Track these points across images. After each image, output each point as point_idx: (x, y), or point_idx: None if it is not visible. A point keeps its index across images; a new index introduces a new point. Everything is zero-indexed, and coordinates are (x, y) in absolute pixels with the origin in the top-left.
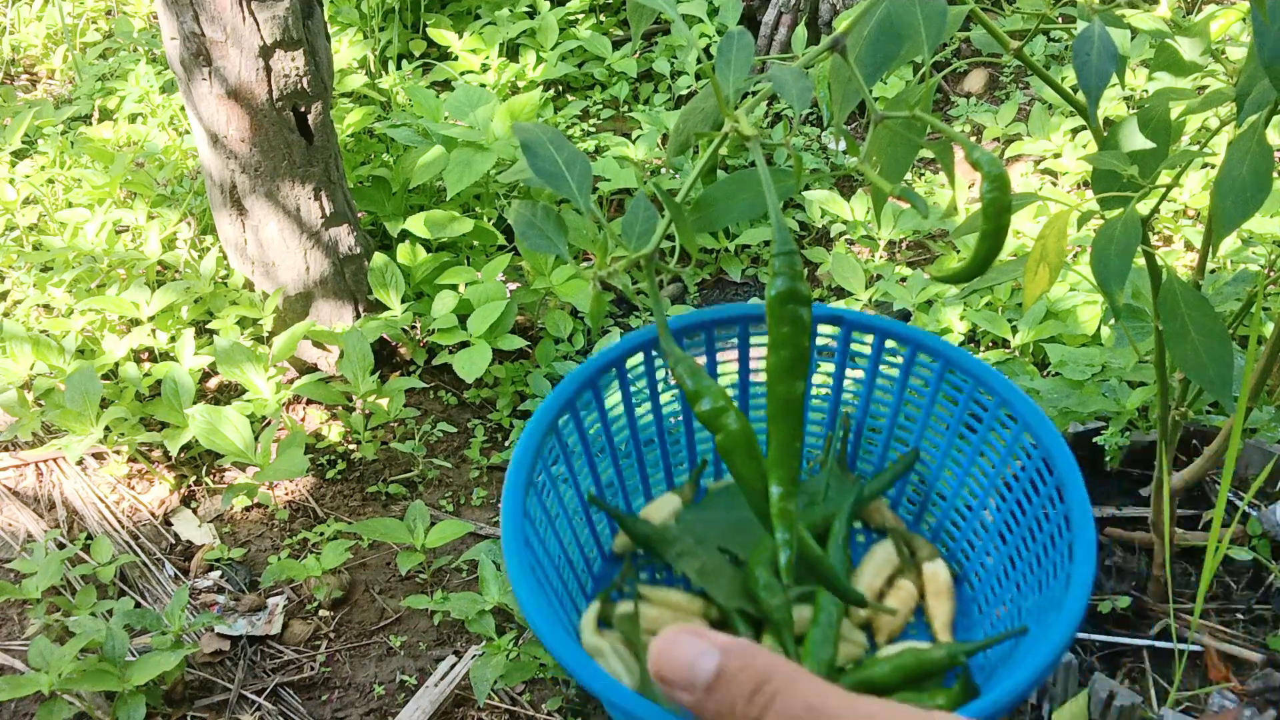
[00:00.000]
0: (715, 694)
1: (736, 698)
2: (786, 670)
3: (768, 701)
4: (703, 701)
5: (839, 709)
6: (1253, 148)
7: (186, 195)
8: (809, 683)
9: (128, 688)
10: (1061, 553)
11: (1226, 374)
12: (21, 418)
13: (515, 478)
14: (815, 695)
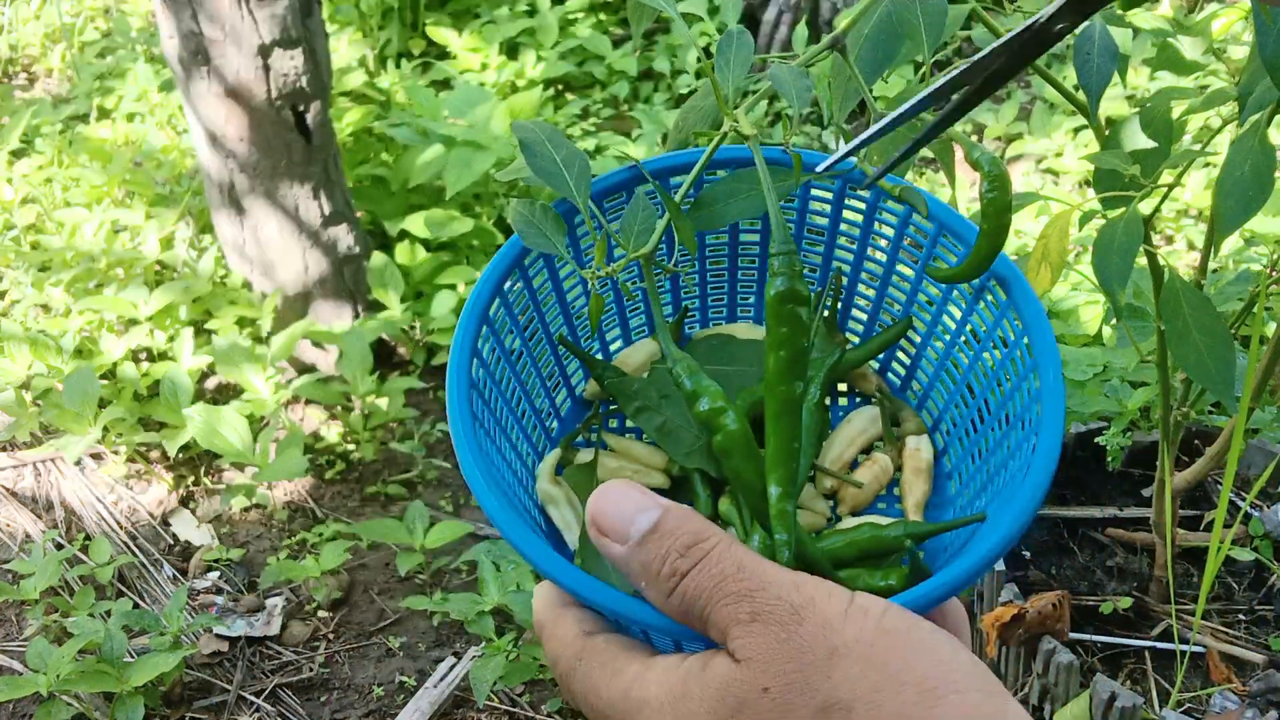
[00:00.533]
0: (646, 547)
1: (670, 551)
2: (724, 536)
3: (702, 556)
4: (633, 554)
5: (770, 572)
6: (1254, 147)
7: (185, 194)
8: (744, 550)
9: (126, 689)
10: (1029, 444)
11: (1228, 374)
12: (19, 418)
13: (470, 309)
14: (748, 559)
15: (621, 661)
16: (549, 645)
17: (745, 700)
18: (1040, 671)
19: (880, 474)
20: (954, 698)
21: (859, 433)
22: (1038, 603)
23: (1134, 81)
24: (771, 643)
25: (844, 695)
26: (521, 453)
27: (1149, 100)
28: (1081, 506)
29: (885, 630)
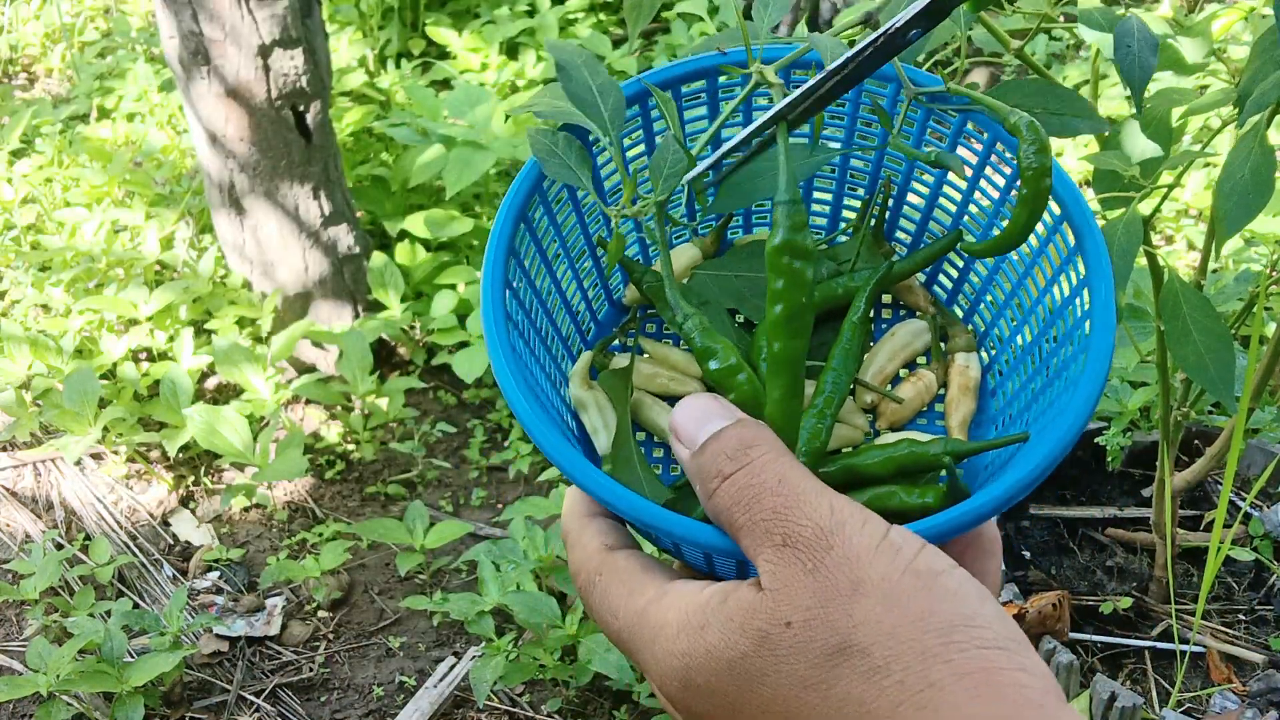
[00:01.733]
0: (706, 451)
1: (720, 454)
2: (776, 444)
3: (747, 463)
4: (695, 457)
5: (808, 491)
6: (1254, 149)
7: (185, 194)
8: (792, 463)
9: (126, 689)
10: (1076, 363)
11: (1228, 374)
12: (19, 418)
13: (507, 209)
14: (793, 473)
15: (640, 582)
16: (571, 555)
17: (767, 634)
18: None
19: (924, 390)
20: (975, 651)
21: (902, 346)
22: (1038, 602)
23: None
24: (798, 573)
25: (862, 638)
26: (556, 354)
27: (1149, 101)
28: (1081, 506)
29: (914, 571)
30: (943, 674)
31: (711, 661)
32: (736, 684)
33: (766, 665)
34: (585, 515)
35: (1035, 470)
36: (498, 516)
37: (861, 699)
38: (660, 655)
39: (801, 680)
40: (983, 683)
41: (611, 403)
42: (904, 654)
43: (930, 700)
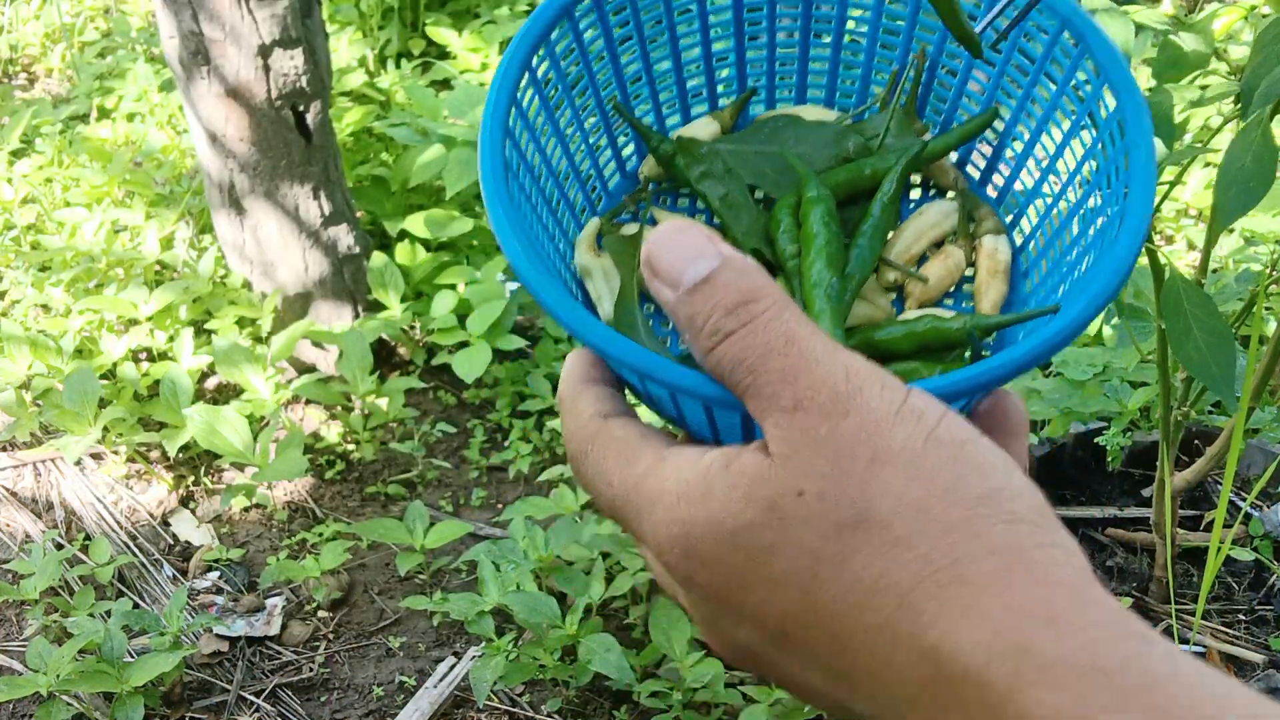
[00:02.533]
0: (697, 296)
1: (718, 306)
2: (780, 298)
3: (750, 319)
4: (682, 302)
5: (820, 352)
6: (1257, 139)
7: (185, 194)
8: (798, 318)
9: (126, 689)
10: (1111, 232)
11: (1230, 371)
12: (19, 418)
13: (510, 57)
14: (801, 330)
15: (636, 449)
16: (565, 423)
17: (776, 502)
18: None
19: (952, 269)
20: (1003, 525)
21: (931, 225)
22: None
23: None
24: (811, 438)
25: (881, 510)
26: (562, 222)
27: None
28: (1081, 506)
29: (938, 440)
30: (969, 549)
31: (714, 531)
32: (741, 556)
33: (775, 537)
34: (582, 381)
35: (1063, 332)
36: (498, 516)
37: (881, 574)
38: (658, 523)
39: (813, 553)
40: (1012, 559)
41: (618, 269)
42: (928, 527)
43: (955, 577)
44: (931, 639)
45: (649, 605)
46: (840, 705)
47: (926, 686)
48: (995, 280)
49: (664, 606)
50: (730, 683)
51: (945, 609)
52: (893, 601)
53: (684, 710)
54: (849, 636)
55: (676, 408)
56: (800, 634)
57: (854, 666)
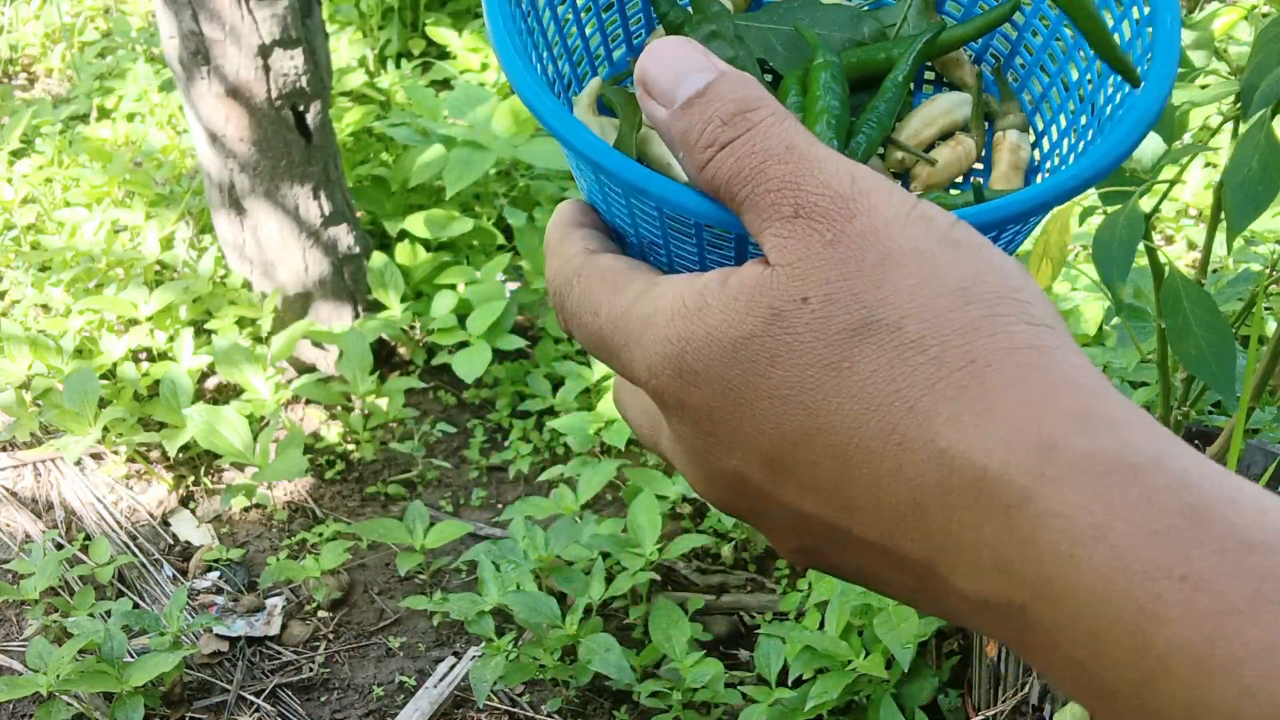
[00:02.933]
0: (692, 110)
1: (713, 118)
2: (778, 109)
3: (747, 129)
4: (676, 117)
5: (823, 158)
6: (1260, 142)
7: (185, 194)
8: (798, 128)
9: (126, 689)
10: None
11: (1230, 370)
12: (19, 418)
13: None
14: (801, 138)
15: (625, 279)
16: (549, 263)
17: (780, 310)
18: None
19: (962, 156)
20: (1023, 326)
21: (942, 113)
22: None
23: None
24: (815, 244)
25: (892, 311)
26: (563, 74)
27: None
28: None
29: (951, 240)
30: (986, 349)
31: (712, 344)
32: (742, 368)
33: (778, 345)
34: (570, 224)
35: (1085, 171)
36: (498, 516)
37: (890, 378)
38: (650, 344)
39: (820, 360)
40: (1033, 361)
41: (619, 123)
42: (941, 328)
43: (972, 378)
44: (944, 442)
45: (649, 605)
46: (834, 535)
47: (935, 494)
48: (1015, 175)
49: (664, 607)
50: (730, 683)
51: (961, 411)
52: (903, 406)
53: (684, 710)
54: (853, 448)
55: (668, 252)
56: (800, 452)
57: (854, 481)
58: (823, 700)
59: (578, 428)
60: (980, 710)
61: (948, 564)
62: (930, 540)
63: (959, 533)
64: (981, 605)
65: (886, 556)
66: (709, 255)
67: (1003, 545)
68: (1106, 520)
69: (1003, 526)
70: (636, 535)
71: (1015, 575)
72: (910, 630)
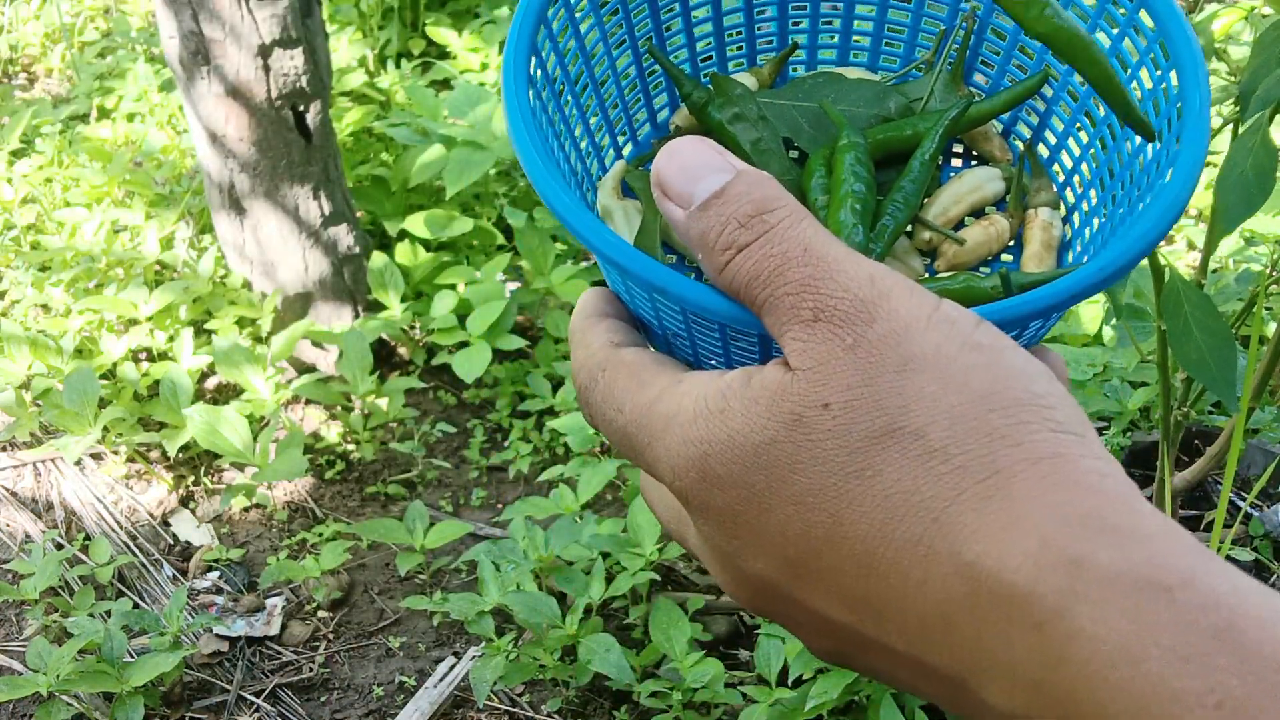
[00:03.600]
0: (709, 212)
1: (730, 220)
2: (796, 208)
3: (765, 231)
4: (694, 219)
5: (842, 259)
6: (1256, 144)
7: (185, 194)
8: (816, 227)
9: (126, 689)
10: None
11: (1230, 372)
12: (19, 418)
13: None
14: (819, 238)
15: (649, 375)
16: (575, 355)
17: (801, 416)
18: None
19: (993, 237)
20: (1047, 434)
21: (971, 190)
22: None
23: None
24: (836, 349)
25: (915, 418)
26: (589, 165)
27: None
28: None
29: (974, 345)
30: (1011, 459)
31: (734, 449)
32: (764, 473)
33: (800, 452)
34: (594, 315)
35: (1114, 264)
36: (498, 516)
37: (914, 488)
38: (673, 445)
39: (841, 468)
40: (1058, 470)
41: (642, 208)
42: (965, 436)
43: (997, 489)
44: (970, 555)
45: (649, 605)
46: (862, 642)
47: (963, 608)
48: (1048, 255)
49: (664, 607)
50: (730, 683)
51: (986, 523)
52: (927, 517)
53: (684, 710)
54: (878, 558)
55: (692, 343)
56: (824, 559)
57: (882, 592)
58: (823, 700)
59: (578, 428)
60: None
61: (978, 679)
62: (959, 654)
63: (989, 647)
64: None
65: (917, 666)
66: (733, 347)
67: (1033, 663)
68: (1138, 644)
69: (1034, 644)
70: (636, 535)
71: (1046, 693)
72: None
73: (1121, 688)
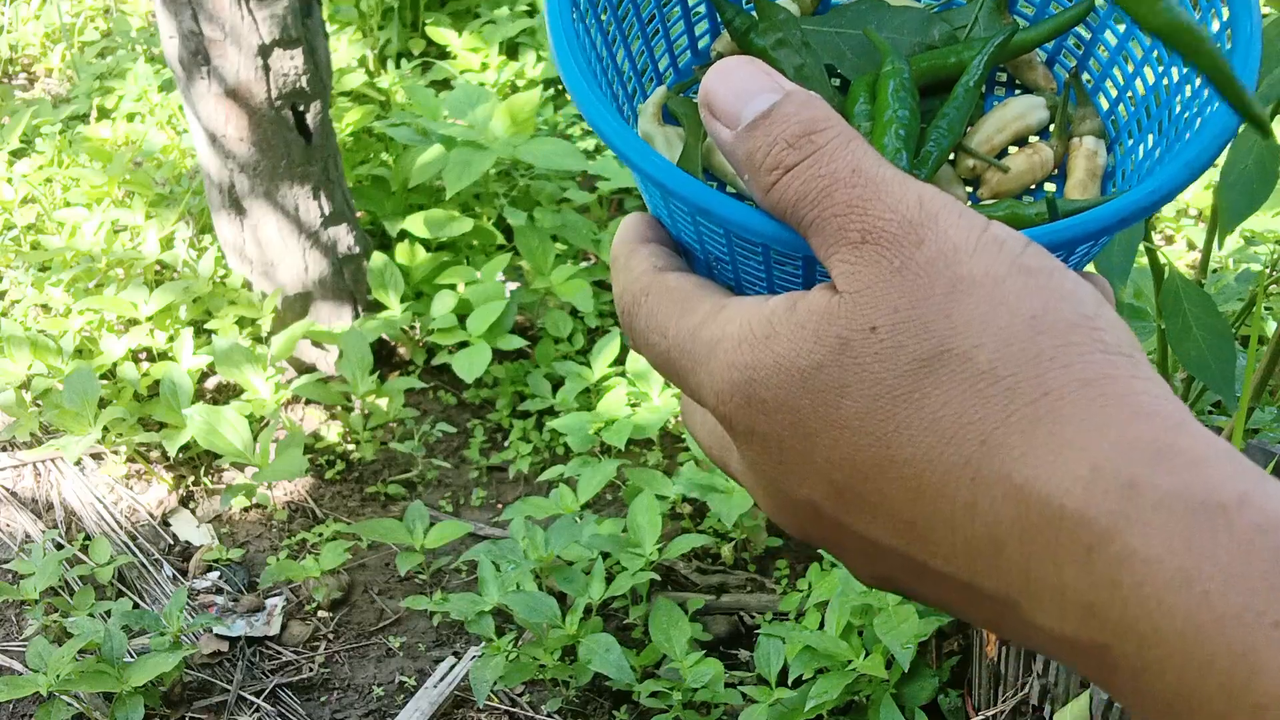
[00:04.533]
0: (757, 132)
1: (778, 140)
2: (845, 130)
3: (813, 151)
4: (740, 139)
5: (890, 180)
6: (1258, 141)
7: (185, 194)
8: (866, 149)
9: (126, 689)
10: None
11: (1229, 371)
12: (19, 418)
13: None
14: (868, 161)
15: (693, 300)
16: (616, 280)
17: (848, 340)
18: (1040, 671)
19: (1037, 165)
20: (1098, 356)
21: (1015, 118)
22: None
23: None
24: (883, 272)
25: (963, 341)
26: (629, 90)
27: None
28: None
29: (1023, 267)
30: (1061, 380)
31: (780, 374)
32: (811, 398)
33: (847, 376)
34: (636, 240)
35: (1169, 182)
36: (498, 516)
37: (961, 410)
38: (717, 370)
39: (888, 392)
40: (1108, 392)
41: (683, 138)
42: (1014, 358)
43: (1047, 411)
44: (1019, 478)
45: (649, 605)
46: (910, 566)
47: (1012, 531)
48: (1092, 183)
49: (664, 607)
50: (730, 683)
51: (1035, 445)
52: (975, 439)
53: (684, 710)
54: (925, 482)
55: (734, 268)
56: (871, 484)
57: (929, 516)
58: (823, 700)
59: (578, 428)
60: (980, 710)
61: (1028, 602)
62: (1009, 578)
63: (1039, 572)
64: (1063, 642)
65: (965, 590)
66: (776, 272)
67: (1085, 587)
68: (1194, 564)
69: (1084, 568)
70: (636, 535)
71: (1098, 617)
72: (910, 630)
73: (1177, 609)
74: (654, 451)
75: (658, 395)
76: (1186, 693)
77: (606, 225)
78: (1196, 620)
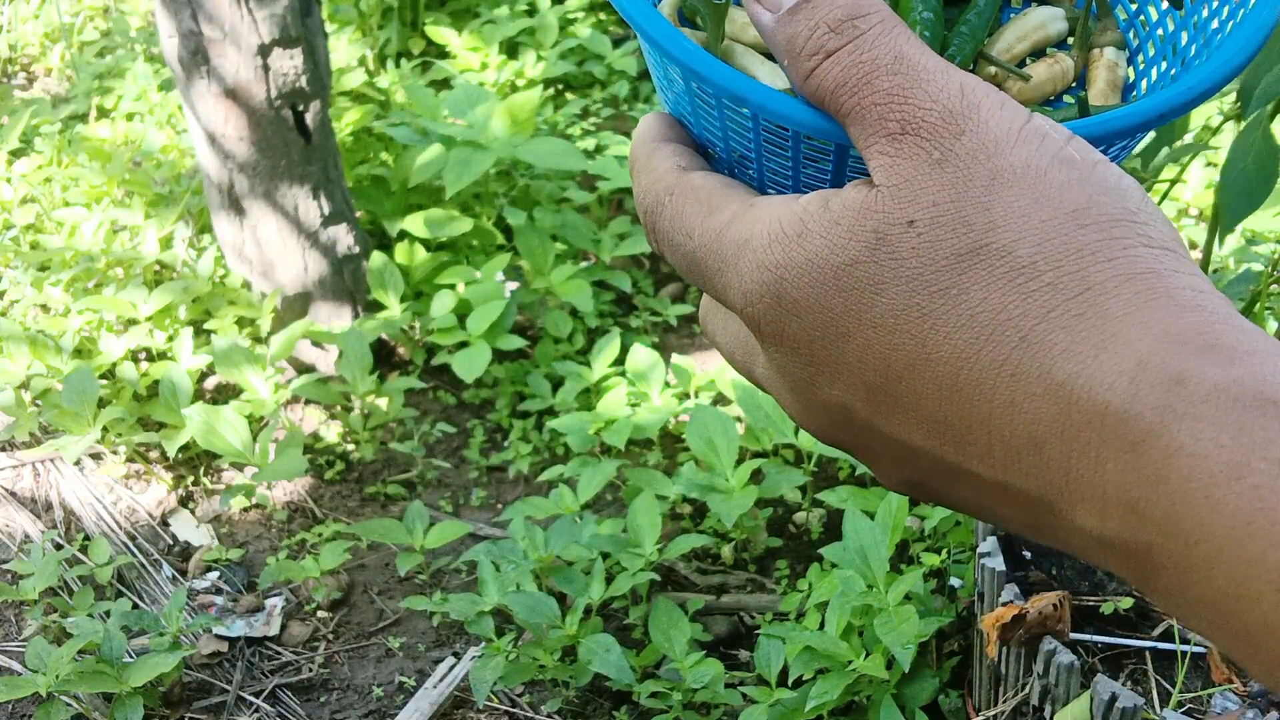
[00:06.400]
0: (798, 15)
1: (820, 24)
2: (889, 16)
3: (855, 36)
4: (781, 23)
5: (932, 69)
6: (1257, 140)
7: (184, 194)
8: (909, 37)
9: (125, 689)
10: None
11: None
12: (18, 418)
13: None
14: (912, 49)
15: (719, 199)
16: (638, 180)
17: (884, 235)
18: (1041, 672)
19: (1058, 75)
20: (1142, 250)
21: (1035, 27)
22: (1038, 603)
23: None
24: (922, 165)
25: (1003, 235)
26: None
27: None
28: None
29: (1065, 160)
30: (1104, 274)
31: (813, 271)
32: (845, 296)
33: (883, 272)
34: (657, 140)
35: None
36: (498, 516)
37: (1001, 305)
38: (746, 271)
39: (925, 288)
40: (1153, 287)
41: (700, 37)
42: (1055, 253)
43: (1089, 306)
44: (1061, 375)
45: (649, 605)
46: (943, 469)
47: (1053, 429)
48: (1113, 94)
49: (664, 607)
50: (730, 683)
51: (1078, 341)
52: (1015, 336)
53: (684, 711)
54: (962, 380)
55: (759, 168)
56: (905, 384)
57: (966, 416)
58: (823, 701)
59: (578, 428)
60: (981, 710)
61: (1068, 502)
62: (1048, 477)
63: (1080, 470)
64: (1104, 543)
65: (1000, 492)
66: (804, 170)
67: (1129, 484)
68: (1244, 459)
69: (1129, 465)
70: (636, 535)
71: (1143, 515)
72: (910, 630)
73: (1226, 504)
74: (654, 451)
75: (658, 395)
76: (1235, 591)
77: (606, 225)
78: (1247, 515)
